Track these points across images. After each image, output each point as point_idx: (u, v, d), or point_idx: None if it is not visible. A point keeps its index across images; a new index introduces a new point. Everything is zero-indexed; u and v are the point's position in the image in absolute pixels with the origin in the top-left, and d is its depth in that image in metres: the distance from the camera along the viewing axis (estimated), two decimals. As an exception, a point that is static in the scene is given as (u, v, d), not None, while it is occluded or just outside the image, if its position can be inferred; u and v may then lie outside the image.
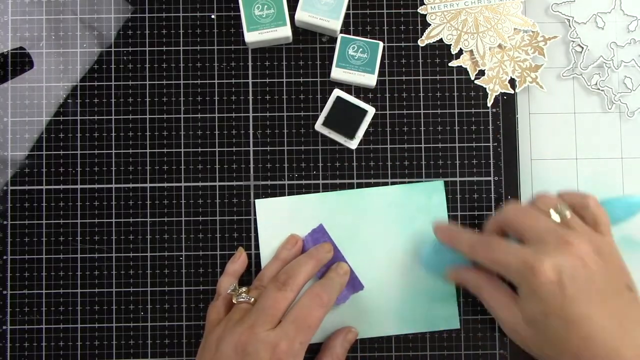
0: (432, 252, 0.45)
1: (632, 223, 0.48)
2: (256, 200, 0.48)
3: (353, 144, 0.48)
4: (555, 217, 0.39)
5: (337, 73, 0.48)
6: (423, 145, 0.48)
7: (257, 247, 0.47)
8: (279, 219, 0.47)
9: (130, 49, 0.48)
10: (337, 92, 0.48)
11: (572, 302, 0.36)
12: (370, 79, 0.47)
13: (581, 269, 0.36)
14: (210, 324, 0.42)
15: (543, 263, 0.36)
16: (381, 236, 0.47)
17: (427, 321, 0.47)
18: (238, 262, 0.46)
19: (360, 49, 0.48)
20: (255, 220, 0.48)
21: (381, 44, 0.48)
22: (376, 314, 0.47)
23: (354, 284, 0.46)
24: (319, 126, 0.48)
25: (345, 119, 0.47)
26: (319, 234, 0.47)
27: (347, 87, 0.48)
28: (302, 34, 0.49)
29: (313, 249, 0.45)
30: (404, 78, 0.48)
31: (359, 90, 0.48)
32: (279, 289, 0.41)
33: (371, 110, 0.48)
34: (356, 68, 0.47)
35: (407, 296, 0.47)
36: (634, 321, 0.37)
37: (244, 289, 0.43)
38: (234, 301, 0.42)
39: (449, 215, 0.47)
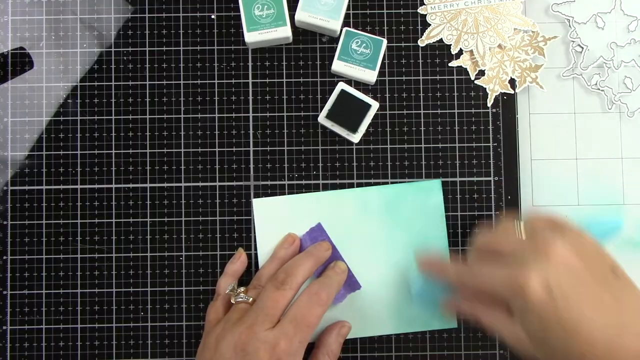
0: (422, 285, 0.46)
1: (631, 224, 0.48)
2: (254, 200, 0.48)
3: (355, 138, 0.48)
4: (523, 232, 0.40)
5: (338, 66, 0.47)
6: (423, 145, 0.48)
7: (256, 247, 0.47)
8: (276, 218, 0.47)
9: (130, 49, 0.48)
10: (341, 85, 0.48)
11: (565, 310, 0.35)
12: (370, 75, 0.47)
13: (565, 273, 0.36)
14: (210, 324, 0.42)
15: (528, 279, 0.36)
16: (379, 235, 0.47)
17: (425, 321, 0.47)
18: (238, 262, 0.46)
19: (364, 44, 0.47)
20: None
21: (385, 41, 0.48)
22: (373, 313, 0.47)
23: (351, 283, 0.46)
24: (322, 118, 0.47)
25: (349, 112, 0.47)
26: (317, 233, 0.47)
27: (347, 81, 0.48)
28: (302, 34, 0.49)
29: (312, 247, 0.45)
30: (404, 78, 0.48)
31: (359, 88, 0.48)
32: (278, 288, 0.41)
33: (375, 105, 0.47)
34: (358, 63, 0.47)
35: (404, 295, 0.47)
36: (630, 307, 0.36)
37: (242, 288, 0.43)
38: (232, 301, 0.42)
39: (448, 215, 0.47)
